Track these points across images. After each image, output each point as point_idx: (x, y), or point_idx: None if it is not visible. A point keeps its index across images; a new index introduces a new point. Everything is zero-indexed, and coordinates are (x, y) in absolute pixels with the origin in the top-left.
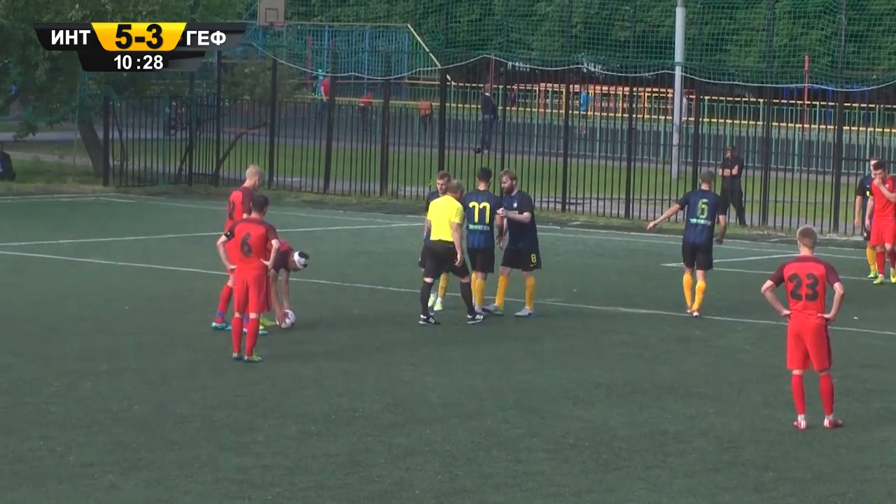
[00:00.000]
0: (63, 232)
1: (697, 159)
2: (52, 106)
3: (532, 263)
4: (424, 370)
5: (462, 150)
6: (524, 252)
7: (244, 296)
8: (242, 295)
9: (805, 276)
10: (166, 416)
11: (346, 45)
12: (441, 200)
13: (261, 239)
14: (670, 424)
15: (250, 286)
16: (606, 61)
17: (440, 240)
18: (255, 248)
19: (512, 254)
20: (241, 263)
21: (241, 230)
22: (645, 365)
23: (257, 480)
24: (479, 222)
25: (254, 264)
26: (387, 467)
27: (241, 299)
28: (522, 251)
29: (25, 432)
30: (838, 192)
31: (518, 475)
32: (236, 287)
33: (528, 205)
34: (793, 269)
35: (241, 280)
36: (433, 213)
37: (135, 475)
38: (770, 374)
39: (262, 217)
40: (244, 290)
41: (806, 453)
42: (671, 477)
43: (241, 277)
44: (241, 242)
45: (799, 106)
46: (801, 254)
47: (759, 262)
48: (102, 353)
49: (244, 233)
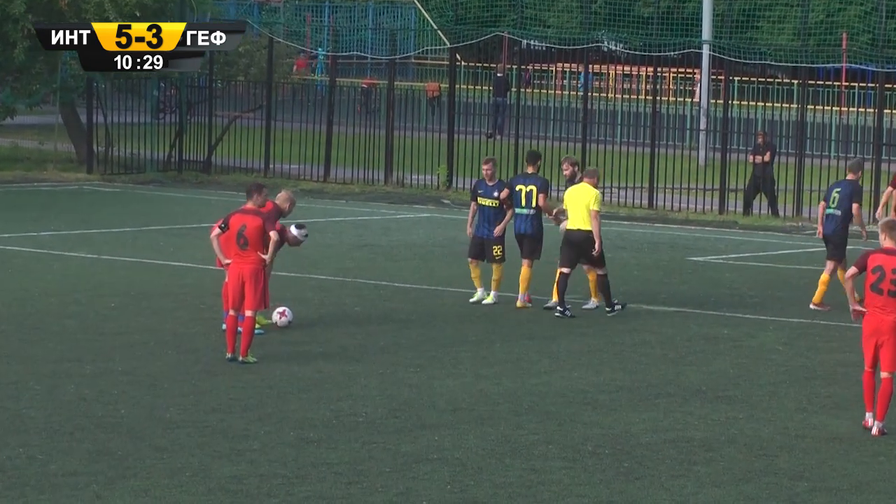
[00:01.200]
0: (44, 223)
1: (726, 145)
2: (31, 87)
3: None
4: (432, 372)
5: (473, 134)
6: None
7: (239, 292)
8: (238, 291)
9: (890, 271)
10: (155, 421)
11: (348, 22)
12: (578, 188)
13: (258, 230)
14: (697, 430)
15: (246, 281)
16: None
17: (578, 228)
18: (252, 241)
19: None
20: (237, 257)
21: (236, 222)
22: (669, 366)
23: (253, 490)
24: (525, 206)
25: (250, 258)
26: (392, 476)
27: (236, 296)
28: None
29: (3, 439)
30: (878, 181)
31: (533, 485)
32: (231, 282)
33: None
34: (878, 260)
35: (236, 275)
36: (570, 201)
37: (121, 485)
38: (804, 376)
39: (257, 207)
40: (239, 285)
41: (843, 462)
42: (698, 487)
43: (237, 272)
44: (237, 235)
45: (836, 87)
46: (885, 245)
47: (791, 256)
48: (87, 354)
49: (240, 224)
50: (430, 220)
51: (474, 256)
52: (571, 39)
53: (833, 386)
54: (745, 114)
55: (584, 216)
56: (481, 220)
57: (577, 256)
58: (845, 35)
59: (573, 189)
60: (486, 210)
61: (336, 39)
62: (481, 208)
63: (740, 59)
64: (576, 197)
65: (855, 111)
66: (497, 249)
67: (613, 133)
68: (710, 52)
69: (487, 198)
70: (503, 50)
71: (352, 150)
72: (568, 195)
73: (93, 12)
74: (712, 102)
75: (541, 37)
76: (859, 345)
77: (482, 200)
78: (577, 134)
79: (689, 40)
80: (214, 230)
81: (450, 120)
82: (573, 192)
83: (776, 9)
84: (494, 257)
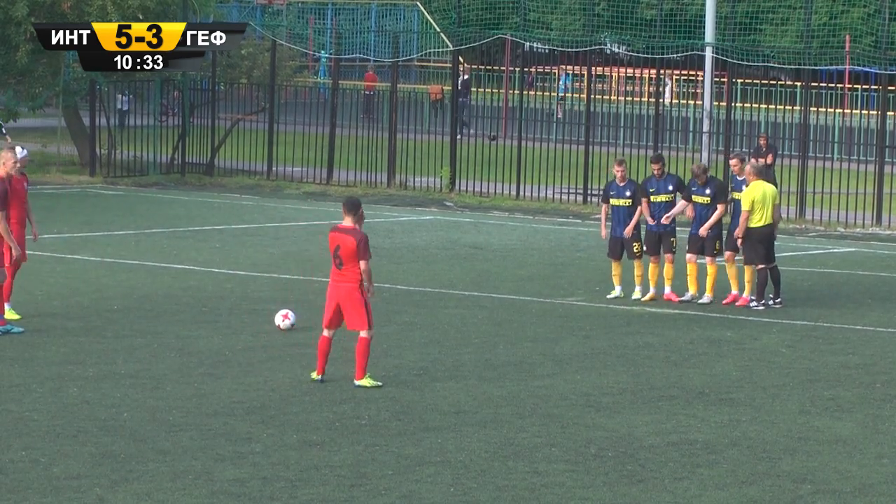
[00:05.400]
0: (47, 226)
1: (729, 147)
2: (34, 90)
3: (716, 250)
4: (435, 375)
5: (476, 137)
6: (710, 238)
7: (335, 313)
8: (333, 311)
9: None
10: (158, 424)
11: (351, 25)
12: (756, 185)
13: (352, 253)
14: (700, 433)
15: (342, 303)
16: (631, 42)
17: (768, 224)
18: (347, 261)
19: (696, 239)
20: (333, 277)
21: (332, 241)
22: (673, 369)
23: (255, 493)
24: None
25: (347, 278)
26: (395, 479)
27: (331, 315)
28: (709, 237)
29: (6, 442)
30: (881, 183)
31: (536, 488)
32: (327, 302)
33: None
34: None
35: (332, 296)
36: (756, 201)
37: (124, 488)
38: (807, 378)
39: (355, 225)
40: (335, 306)
41: (846, 464)
42: (701, 489)
43: (333, 293)
44: (333, 254)
45: (839, 90)
46: None
47: (795, 259)
48: (90, 357)
49: (335, 244)
50: (434, 223)
51: (614, 256)
52: (574, 42)
53: (836, 388)
54: (748, 116)
55: (771, 210)
56: (616, 220)
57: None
58: (848, 37)
59: (754, 187)
60: (620, 210)
61: (339, 42)
62: (615, 209)
63: (743, 62)
64: (763, 194)
65: (858, 113)
66: (636, 246)
67: (616, 135)
68: (714, 55)
69: (620, 198)
70: (506, 52)
71: (355, 153)
72: (750, 194)
73: (95, 15)
74: (715, 105)
75: (544, 39)
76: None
77: (615, 201)
78: (580, 136)
79: (693, 43)
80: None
81: (453, 122)
82: (757, 190)
83: (779, 11)
84: (634, 253)
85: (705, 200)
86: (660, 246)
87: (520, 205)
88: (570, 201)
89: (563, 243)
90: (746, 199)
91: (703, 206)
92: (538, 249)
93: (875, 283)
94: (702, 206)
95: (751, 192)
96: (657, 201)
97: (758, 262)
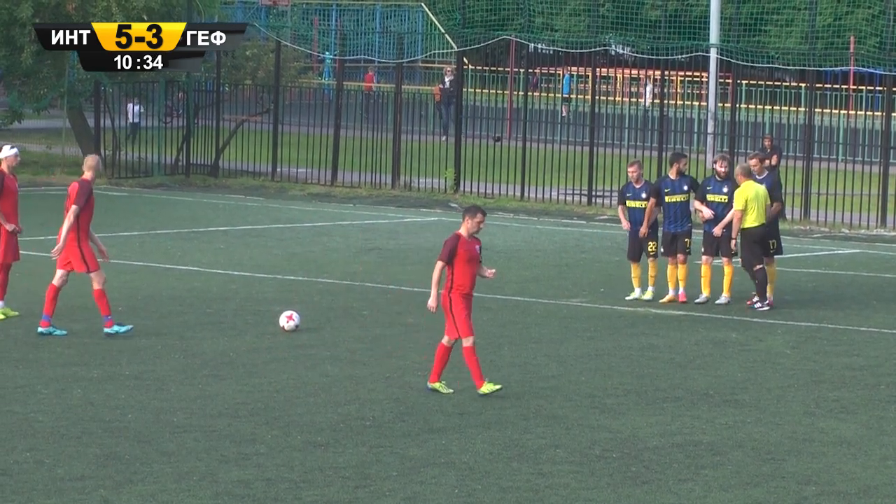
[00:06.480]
0: (51, 228)
1: (734, 148)
2: (38, 91)
3: (733, 251)
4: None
5: (480, 138)
6: (725, 238)
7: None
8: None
9: None
10: (162, 425)
11: (355, 26)
12: (748, 185)
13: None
14: (704, 434)
15: (445, 312)
16: (636, 43)
17: (763, 224)
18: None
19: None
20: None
21: (466, 250)
22: (677, 370)
23: (260, 495)
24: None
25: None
26: (399, 480)
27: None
28: (724, 237)
29: (11, 443)
30: (886, 184)
31: (540, 489)
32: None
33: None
34: None
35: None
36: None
37: (128, 489)
38: (812, 379)
39: (471, 233)
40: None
41: (851, 466)
42: (705, 491)
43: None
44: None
45: (844, 91)
46: None
47: (800, 260)
48: (94, 358)
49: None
50: (438, 224)
51: (634, 258)
52: (579, 43)
53: (841, 390)
54: (753, 117)
55: (764, 211)
56: (633, 222)
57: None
58: (853, 38)
59: (746, 188)
60: (637, 212)
61: (343, 43)
62: (632, 211)
63: (748, 63)
64: (755, 195)
65: (863, 115)
66: (652, 245)
67: (621, 137)
68: (718, 56)
69: (637, 200)
70: (511, 53)
71: (359, 154)
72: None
73: (100, 16)
74: (720, 106)
75: (548, 40)
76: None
77: (632, 203)
78: (584, 137)
79: (697, 44)
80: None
81: (457, 123)
82: (748, 192)
83: (784, 12)
84: (649, 253)
85: (722, 199)
86: (675, 246)
87: (524, 206)
88: (574, 202)
89: (568, 244)
90: (740, 199)
91: (721, 205)
92: (542, 250)
93: (880, 285)
94: (718, 205)
95: (743, 191)
96: (673, 201)
97: (755, 262)
